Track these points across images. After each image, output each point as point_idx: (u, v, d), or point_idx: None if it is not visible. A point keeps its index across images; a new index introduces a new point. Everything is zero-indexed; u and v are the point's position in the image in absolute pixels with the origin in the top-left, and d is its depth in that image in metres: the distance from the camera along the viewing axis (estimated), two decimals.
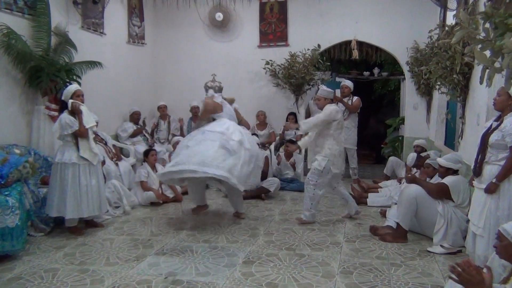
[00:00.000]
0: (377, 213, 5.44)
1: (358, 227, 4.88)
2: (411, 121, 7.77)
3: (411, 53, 7.24)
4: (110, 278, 3.43)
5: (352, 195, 6.01)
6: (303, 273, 3.57)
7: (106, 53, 6.78)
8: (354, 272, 3.59)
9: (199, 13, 8.14)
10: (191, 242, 4.34)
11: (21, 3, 5.14)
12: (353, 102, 7.25)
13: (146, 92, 8.20)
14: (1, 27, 4.83)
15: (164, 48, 8.52)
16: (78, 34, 6.12)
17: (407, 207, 4.28)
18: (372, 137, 11.11)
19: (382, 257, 3.95)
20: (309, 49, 7.64)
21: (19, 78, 5.15)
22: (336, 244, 4.30)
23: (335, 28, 7.74)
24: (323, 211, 5.59)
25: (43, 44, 5.30)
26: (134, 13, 7.74)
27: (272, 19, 7.97)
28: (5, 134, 4.88)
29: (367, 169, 8.73)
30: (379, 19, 7.56)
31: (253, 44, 8.09)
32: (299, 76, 7.47)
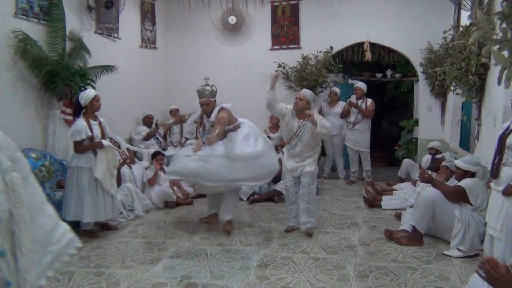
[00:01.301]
0: (392, 216, 5.39)
1: (372, 230, 4.84)
2: (425, 123, 7.70)
3: (424, 54, 7.16)
4: (125, 281, 3.45)
5: (366, 197, 5.99)
6: (318, 276, 3.55)
7: (119, 57, 6.83)
8: (370, 275, 3.56)
9: (211, 16, 8.17)
10: (205, 245, 4.34)
11: (37, 9, 5.21)
12: (367, 107, 7.23)
13: (159, 96, 8.25)
14: (17, 33, 4.90)
15: (175, 52, 8.56)
16: (91, 39, 6.18)
17: (424, 210, 4.23)
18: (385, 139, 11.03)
19: (398, 261, 3.91)
20: (322, 51, 7.62)
21: (35, 83, 5.22)
22: (351, 247, 4.27)
23: (347, 30, 7.71)
24: (337, 214, 5.55)
25: (58, 49, 5.37)
26: (146, 18, 7.80)
27: (284, 22, 7.96)
28: (21, 138, 4.93)
29: (380, 171, 8.65)
30: (392, 21, 7.51)
31: (265, 47, 8.09)
32: (311, 79, 7.45)
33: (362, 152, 7.37)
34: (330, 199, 6.39)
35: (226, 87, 8.25)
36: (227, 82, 8.26)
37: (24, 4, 5.03)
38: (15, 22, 4.93)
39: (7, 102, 4.83)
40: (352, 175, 7.55)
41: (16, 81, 4.98)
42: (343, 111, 7.42)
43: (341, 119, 7.51)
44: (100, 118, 4.66)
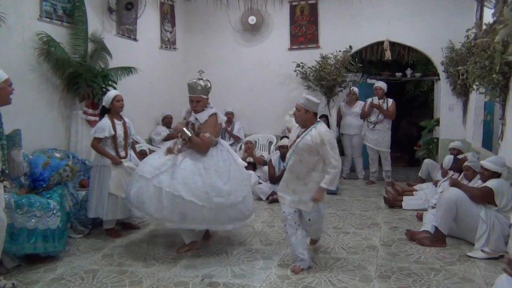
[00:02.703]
0: (413, 216, 5.33)
1: (393, 231, 4.79)
2: (446, 123, 7.58)
3: (446, 53, 7.07)
4: (148, 280, 3.48)
5: (386, 198, 5.93)
6: (340, 276, 3.53)
7: (140, 58, 6.91)
8: (392, 276, 3.53)
9: (229, 17, 8.21)
10: (226, 245, 4.36)
11: (60, 11, 5.31)
12: (389, 107, 7.19)
13: (178, 97, 8.29)
14: (41, 35, 5.00)
15: (195, 52, 8.61)
16: (112, 40, 6.26)
17: (447, 210, 4.18)
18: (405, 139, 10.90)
19: (421, 262, 3.86)
20: (341, 50, 7.58)
21: (58, 84, 5.32)
22: (372, 247, 4.24)
23: (367, 29, 7.65)
24: (357, 214, 5.51)
25: (81, 50, 5.46)
26: (166, 19, 7.87)
27: (303, 22, 7.94)
28: (46, 138, 5.03)
29: (400, 171, 8.57)
30: (412, 19, 7.42)
31: (283, 47, 8.09)
32: (330, 78, 7.42)
33: (382, 152, 7.31)
34: (350, 199, 6.35)
35: (245, 88, 8.32)
36: (246, 82, 8.31)
37: (48, 7, 5.12)
38: (40, 25, 5.03)
39: (32, 103, 4.93)
40: (372, 175, 7.50)
41: (40, 82, 5.08)
42: (363, 112, 7.36)
43: (362, 119, 7.46)
44: (125, 118, 4.72)
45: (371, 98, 7.39)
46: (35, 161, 4.25)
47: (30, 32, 4.91)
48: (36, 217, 3.65)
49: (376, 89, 7.32)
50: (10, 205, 3.49)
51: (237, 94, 8.29)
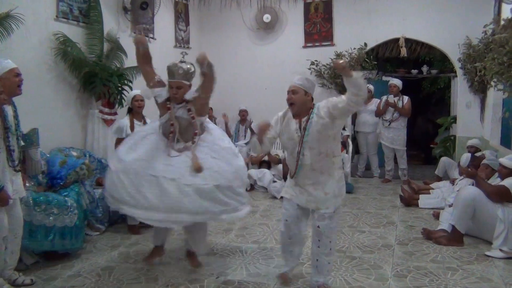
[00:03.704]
0: (429, 215, 5.27)
1: (410, 230, 4.75)
2: (464, 120, 7.47)
3: (463, 50, 6.97)
4: (163, 277, 3.51)
5: (402, 196, 5.88)
6: (355, 275, 3.51)
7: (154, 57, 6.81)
8: (408, 275, 3.50)
9: (243, 15, 8.21)
10: (240, 243, 4.37)
11: (76, 12, 5.37)
12: (404, 105, 7.11)
13: None
14: (58, 35, 5.06)
15: (208, 51, 8.39)
16: (128, 40, 6.29)
17: (464, 209, 4.12)
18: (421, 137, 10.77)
19: (437, 261, 3.82)
20: (355, 48, 7.52)
21: (75, 83, 5.38)
22: (388, 246, 4.20)
23: (382, 26, 7.57)
24: (372, 213, 5.47)
25: (96, 50, 5.51)
26: (180, 18, 7.91)
27: (317, 19, 7.90)
28: (63, 137, 5.10)
29: (416, 170, 8.48)
30: (428, 15, 7.32)
31: (298, 44, 8.06)
32: None
33: (398, 150, 7.24)
34: (365, 197, 6.30)
35: (259, 86, 8.31)
36: (260, 81, 8.31)
37: (64, 7, 5.19)
38: (56, 25, 5.09)
39: (50, 102, 5.00)
40: (387, 174, 7.43)
41: (57, 82, 5.15)
42: (378, 110, 7.30)
43: (376, 117, 7.40)
44: (147, 118, 4.76)
45: (386, 96, 7.32)
46: (53, 159, 4.32)
47: (47, 32, 4.97)
48: (54, 215, 3.70)
49: (391, 87, 7.25)
50: (29, 202, 3.54)
51: (251, 93, 8.29)
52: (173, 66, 3.47)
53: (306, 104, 3.06)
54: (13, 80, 3.22)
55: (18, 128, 3.30)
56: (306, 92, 3.06)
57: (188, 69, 3.51)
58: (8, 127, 3.15)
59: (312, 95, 3.11)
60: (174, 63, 3.48)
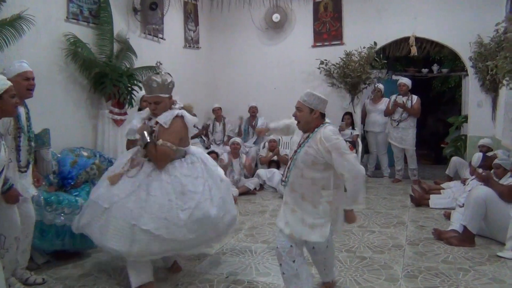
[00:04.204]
0: (440, 215, 5.23)
1: (420, 230, 4.71)
2: (475, 119, 7.39)
3: (474, 48, 6.90)
4: (173, 276, 3.52)
5: (412, 196, 5.84)
6: (365, 276, 3.49)
7: (164, 57, 6.91)
8: (419, 276, 3.47)
9: (252, 15, 8.21)
10: (249, 243, 4.36)
11: (86, 12, 5.40)
12: (413, 105, 7.06)
13: (202, 95, 8.36)
14: (68, 36, 5.10)
15: (218, 51, 8.66)
16: (137, 40, 6.34)
17: (476, 209, 4.08)
18: (431, 136, 10.69)
19: (449, 261, 3.78)
20: (365, 47, 7.48)
21: (85, 84, 5.41)
22: (398, 247, 4.17)
23: (392, 24, 7.53)
24: (383, 212, 5.44)
25: (106, 51, 5.54)
26: (189, 18, 7.93)
27: (327, 18, 7.88)
28: (73, 137, 5.13)
29: (426, 169, 8.42)
30: (439, 14, 7.26)
31: (307, 44, 8.05)
32: (354, 75, 7.35)
33: (407, 150, 7.19)
34: (375, 197, 6.27)
35: (268, 86, 8.31)
36: (269, 80, 8.31)
37: (75, 8, 5.22)
38: (67, 26, 5.13)
39: (60, 103, 5.03)
40: (397, 173, 7.39)
41: (68, 82, 5.18)
42: (387, 110, 7.25)
43: (385, 117, 7.36)
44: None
45: (394, 95, 7.27)
46: (64, 159, 4.36)
47: (58, 33, 5.01)
48: (65, 214, 3.72)
49: (400, 86, 7.20)
50: (40, 202, 3.57)
51: (260, 92, 8.29)
52: (148, 80, 3.18)
53: (310, 123, 2.81)
54: (22, 84, 3.23)
55: (30, 130, 3.33)
56: (312, 110, 2.79)
57: (164, 81, 3.17)
58: (21, 127, 3.19)
59: (323, 111, 2.82)
60: (148, 77, 3.20)
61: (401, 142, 7.17)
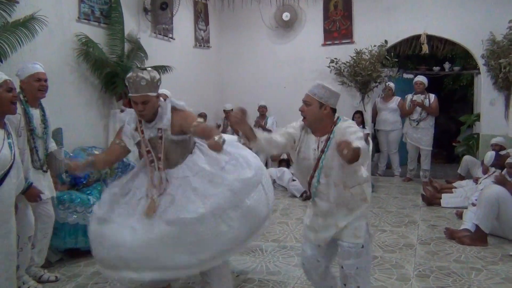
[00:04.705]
0: (452, 214, 5.19)
1: (432, 229, 4.68)
2: (487, 118, 7.31)
3: (487, 46, 6.82)
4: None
5: (424, 195, 5.80)
6: (376, 275, 3.48)
7: (174, 57, 7.00)
8: (431, 275, 3.45)
9: (262, 14, 8.21)
10: (260, 241, 4.36)
11: (97, 13, 5.44)
12: (431, 104, 6.99)
13: (212, 95, 8.39)
14: (80, 36, 5.14)
15: (228, 50, 8.67)
16: (148, 40, 6.38)
17: (488, 208, 4.04)
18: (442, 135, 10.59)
19: (461, 261, 3.76)
20: (376, 45, 7.44)
21: (97, 84, 5.46)
22: (410, 246, 4.15)
23: (403, 22, 7.47)
24: (393, 212, 5.41)
25: (118, 51, 5.58)
26: (200, 18, 7.96)
27: (337, 17, 7.85)
28: (85, 137, 5.18)
29: (438, 168, 8.35)
30: (451, 11, 7.19)
31: (317, 42, 8.02)
32: (365, 74, 7.30)
33: (423, 150, 7.09)
34: (386, 196, 6.24)
35: (278, 84, 8.30)
36: (279, 79, 8.30)
37: (86, 9, 5.27)
38: (78, 26, 5.17)
39: (72, 102, 5.08)
40: (409, 172, 7.33)
41: (79, 82, 5.23)
42: (404, 110, 7.16)
43: (401, 117, 7.31)
44: None
45: (411, 95, 7.20)
46: (76, 158, 4.39)
47: (70, 34, 5.06)
48: (77, 213, 3.77)
49: (416, 84, 7.11)
50: (53, 201, 3.61)
51: (270, 91, 8.29)
52: (134, 78, 2.72)
53: (322, 119, 2.48)
54: (33, 85, 3.28)
55: (46, 132, 3.36)
56: (322, 104, 2.46)
57: (153, 78, 2.76)
58: (33, 129, 3.22)
59: (335, 106, 2.51)
60: (133, 74, 2.75)
61: (418, 142, 7.07)
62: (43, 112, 3.38)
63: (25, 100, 3.25)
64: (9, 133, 2.72)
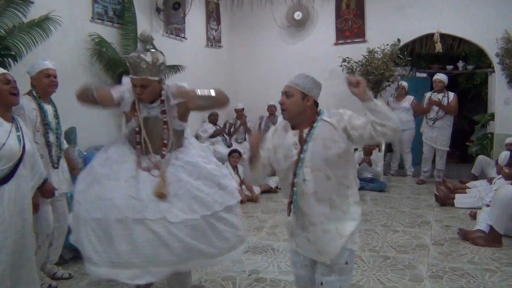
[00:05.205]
0: (466, 215, 5.13)
1: (445, 230, 4.63)
2: (502, 117, 7.22)
3: (501, 44, 6.74)
4: (196, 274, 3.54)
5: (437, 195, 5.74)
6: (389, 275, 3.46)
7: (186, 57, 7.03)
8: (444, 276, 3.42)
9: (274, 13, 8.20)
10: (272, 241, 4.37)
11: (111, 13, 5.50)
12: (450, 102, 6.82)
13: None
14: (93, 36, 5.20)
15: (239, 49, 8.69)
16: (160, 39, 6.41)
17: (503, 209, 3.99)
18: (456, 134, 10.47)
19: (475, 262, 3.72)
20: (388, 44, 7.39)
21: (110, 83, 5.50)
22: (423, 246, 4.12)
23: (416, 21, 7.41)
24: (406, 212, 5.37)
25: (130, 50, 5.61)
26: (211, 17, 7.98)
27: (349, 16, 7.82)
28: (99, 136, 5.22)
29: (451, 168, 8.25)
30: (465, 9, 7.11)
31: (329, 41, 8.00)
32: (378, 73, 7.25)
33: (439, 150, 6.98)
34: (398, 196, 6.20)
35: None
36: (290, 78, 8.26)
37: (100, 9, 5.32)
38: (92, 26, 5.23)
39: None
40: (422, 175, 7.17)
41: (93, 82, 5.28)
42: (422, 108, 7.07)
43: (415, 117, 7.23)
44: None
45: (429, 93, 7.11)
46: (89, 157, 4.42)
47: (83, 34, 5.12)
48: None
49: (435, 82, 6.98)
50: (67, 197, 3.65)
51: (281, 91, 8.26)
52: (135, 59, 2.57)
53: (304, 111, 2.24)
54: (43, 81, 3.31)
55: (59, 127, 3.41)
56: (305, 95, 2.23)
57: (155, 60, 2.59)
58: (48, 123, 3.27)
59: (317, 98, 2.29)
60: (135, 54, 2.60)
61: (435, 142, 6.93)
62: (55, 108, 3.43)
63: (38, 96, 3.30)
64: (19, 127, 2.75)
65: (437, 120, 6.87)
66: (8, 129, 2.66)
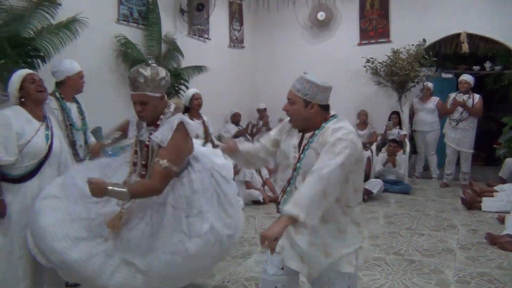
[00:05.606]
0: (493, 219, 5.01)
1: (472, 234, 4.53)
2: None
3: None
4: (220, 274, 3.56)
5: (463, 198, 5.62)
6: (414, 279, 3.40)
7: (209, 57, 7.06)
8: (472, 282, 3.34)
9: (297, 14, 8.17)
10: None
11: (136, 14, 5.56)
12: (475, 104, 6.65)
13: (246, 94, 8.41)
14: (119, 38, 5.26)
15: (262, 50, 8.69)
16: (184, 40, 6.46)
17: None
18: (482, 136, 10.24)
19: (503, 267, 3.62)
20: (413, 44, 7.27)
21: None
22: (449, 251, 4.03)
23: (442, 20, 7.27)
24: (432, 215, 5.28)
25: (155, 51, 5.68)
26: (234, 18, 8.00)
27: (373, 16, 7.72)
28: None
29: (477, 171, 8.07)
30: (492, 8, 6.94)
31: (352, 42, 7.91)
32: (402, 73, 7.13)
33: (463, 152, 6.82)
34: (423, 199, 6.09)
35: None
36: None
37: (125, 10, 5.39)
38: (117, 27, 5.30)
39: (111, 102, 5.20)
40: (446, 177, 7.03)
41: (118, 82, 5.35)
42: (446, 109, 6.94)
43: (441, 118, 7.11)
44: (204, 117, 4.85)
45: (454, 93, 6.97)
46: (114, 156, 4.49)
47: (109, 35, 5.19)
48: None
49: (461, 83, 6.83)
50: None
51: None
52: (133, 73, 2.40)
53: (309, 119, 2.10)
54: (79, 82, 3.43)
55: (85, 123, 3.47)
56: (308, 102, 2.08)
57: (155, 75, 2.39)
58: (72, 124, 3.33)
59: (324, 102, 2.12)
60: (134, 69, 2.43)
61: (458, 144, 6.77)
62: (79, 105, 3.49)
63: (61, 97, 3.36)
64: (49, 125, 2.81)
65: (460, 122, 6.72)
66: (37, 126, 2.73)
